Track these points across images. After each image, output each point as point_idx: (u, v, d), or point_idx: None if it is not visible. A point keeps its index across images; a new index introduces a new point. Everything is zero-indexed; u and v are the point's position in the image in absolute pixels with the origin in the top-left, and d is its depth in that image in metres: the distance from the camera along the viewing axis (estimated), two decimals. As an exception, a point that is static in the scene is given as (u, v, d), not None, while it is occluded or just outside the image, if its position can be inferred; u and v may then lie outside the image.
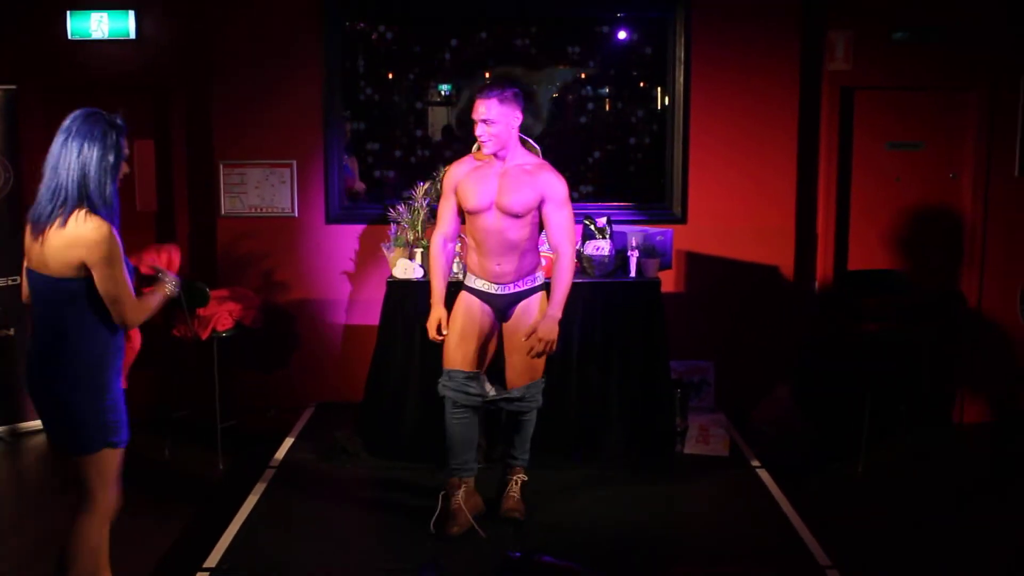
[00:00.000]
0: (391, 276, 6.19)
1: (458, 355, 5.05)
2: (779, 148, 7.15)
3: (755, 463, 6.10)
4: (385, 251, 6.42)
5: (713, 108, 7.13)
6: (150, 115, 7.22)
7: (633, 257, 6.09)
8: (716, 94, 7.12)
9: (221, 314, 6.34)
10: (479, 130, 4.93)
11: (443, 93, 7.86)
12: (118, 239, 3.63)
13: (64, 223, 3.59)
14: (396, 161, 7.57)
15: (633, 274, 6.12)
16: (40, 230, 3.63)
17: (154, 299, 3.87)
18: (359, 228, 7.23)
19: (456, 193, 5.11)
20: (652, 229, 6.38)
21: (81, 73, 7.12)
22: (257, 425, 7.03)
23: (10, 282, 6.79)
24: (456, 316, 5.14)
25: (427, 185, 6.43)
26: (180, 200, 7.30)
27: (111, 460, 3.77)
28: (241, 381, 7.31)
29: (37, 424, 6.99)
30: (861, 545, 5.18)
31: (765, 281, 7.24)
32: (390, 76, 7.64)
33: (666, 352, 6.11)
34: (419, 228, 6.32)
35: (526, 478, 5.33)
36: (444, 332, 5.11)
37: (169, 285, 3.94)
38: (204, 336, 6.26)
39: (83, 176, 3.60)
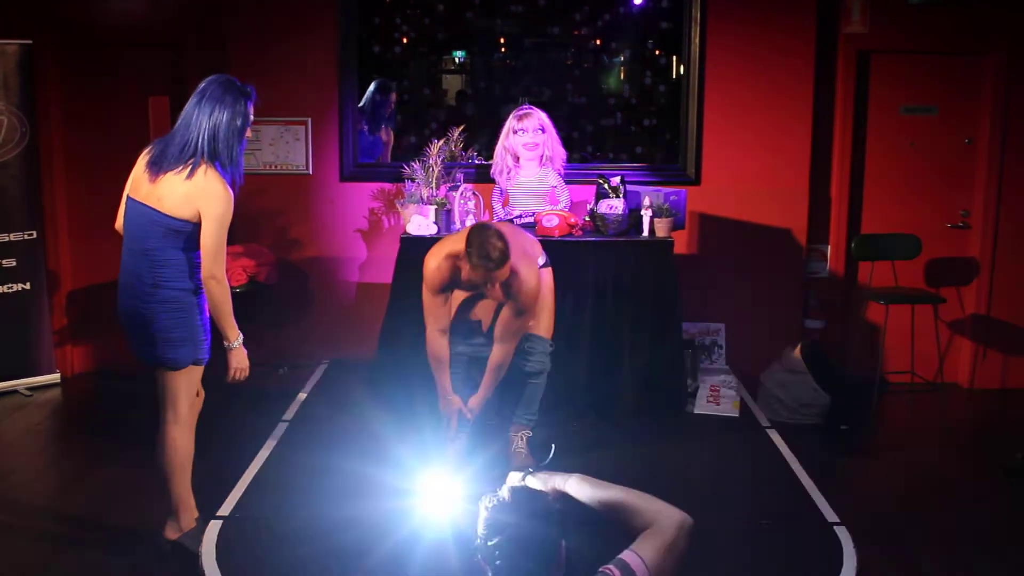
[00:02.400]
0: (405, 232, 6.21)
1: None
2: (794, 110, 7.12)
3: (765, 423, 6.13)
4: (400, 207, 6.44)
5: (728, 68, 7.10)
6: (165, 71, 7.21)
7: (647, 216, 6.09)
8: (731, 54, 7.09)
9: (235, 270, 6.38)
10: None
11: (457, 60, 7.86)
12: (233, 206, 4.06)
13: (191, 174, 3.98)
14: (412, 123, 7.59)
15: (646, 233, 6.12)
16: (160, 171, 4.03)
17: (228, 316, 4.20)
18: (373, 186, 7.24)
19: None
20: (666, 189, 6.37)
21: (96, 29, 7.12)
22: (270, 381, 7.08)
23: (26, 236, 6.83)
24: None
25: (441, 143, 6.44)
26: (195, 157, 7.31)
27: (197, 374, 4.29)
28: (255, 337, 7.31)
29: (54, 378, 7.08)
30: (870, 504, 5.22)
31: (778, 243, 7.23)
32: (404, 40, 7.65)
33: (679, 312, 6.12)
34: (433, 185, 6.33)
35: (531, 433, 5.37)
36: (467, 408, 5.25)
37: (236, 361, 4.31)
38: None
39: (213, 136, 4.01)
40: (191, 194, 3.99)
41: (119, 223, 4.30)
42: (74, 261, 7.27)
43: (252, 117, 4.15)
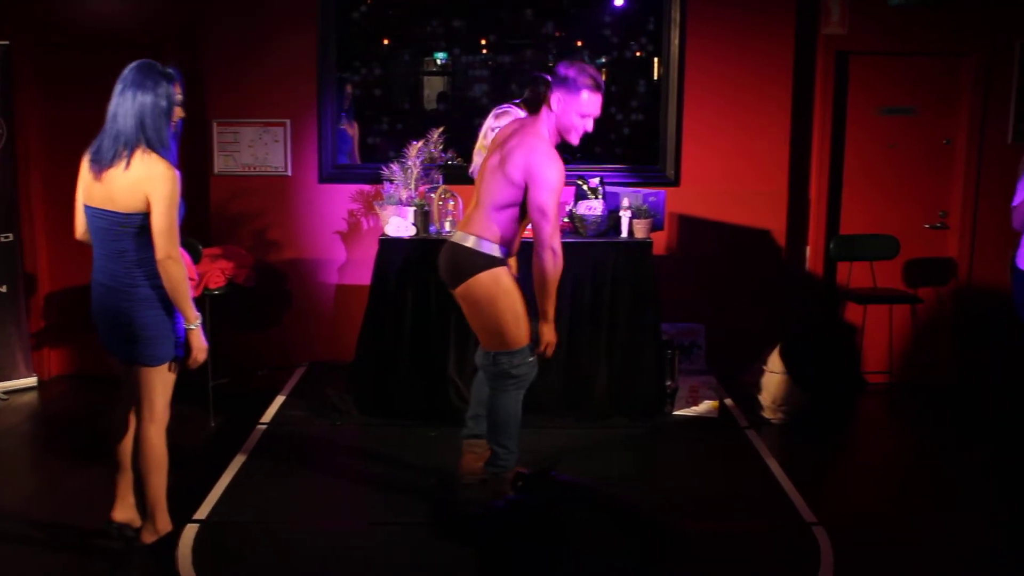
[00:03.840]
0: (383, 234, 6.20)
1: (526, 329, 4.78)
2: (773, 111, 7.14)
3: (743, 424, 6.14)
4: (379, 209, 6.42)
5: (708, 69, 7.11)
6: (143, 73, 7.18)
7: (625, 217, 6.09)
8: (711, 55, 7.10)
9: (213, 272, 6.35)
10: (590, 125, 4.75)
11: (439, 62, 7.85)
12: (179, 181, 4.03)
13: (128, 164, 3.98)
14: (391, 125, 7.57)
15: (625, 234, 6.12)
16: (101, 170, 4.03)
17: (187, 296, 4.13)
18: (352, 188, 7.22)
19: None
20: (645, 190, 6.38)
21: (75, 30, 7.09)
22: (249, 384, 7.06)
23: (2, 239, 6.80)
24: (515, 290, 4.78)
25: (420, 144, 6.41)
26: (173, 158, 7.28)
27: (173, 372, 4.25)
28: (233, 339, 7.32)
29: (31, 381, 7.05)
30: (848, 504, 5.24)
31: (757, 245, 7.25)
32: (385, 42, 7.64)
33: (658, 313, 6.13)
34: (412, 186, 6.32)
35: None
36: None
37: (197, 342, 4.23)
38: (196, 293, 6.26)
39: (140, 122, 3.99)
40: (135, 182, 3.97)
41: (79, 233, 4.28)
42: (51, 264, 7.24)
43: (180, 98, 4.11)
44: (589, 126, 4.69)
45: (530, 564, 4.00)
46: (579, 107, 4.59)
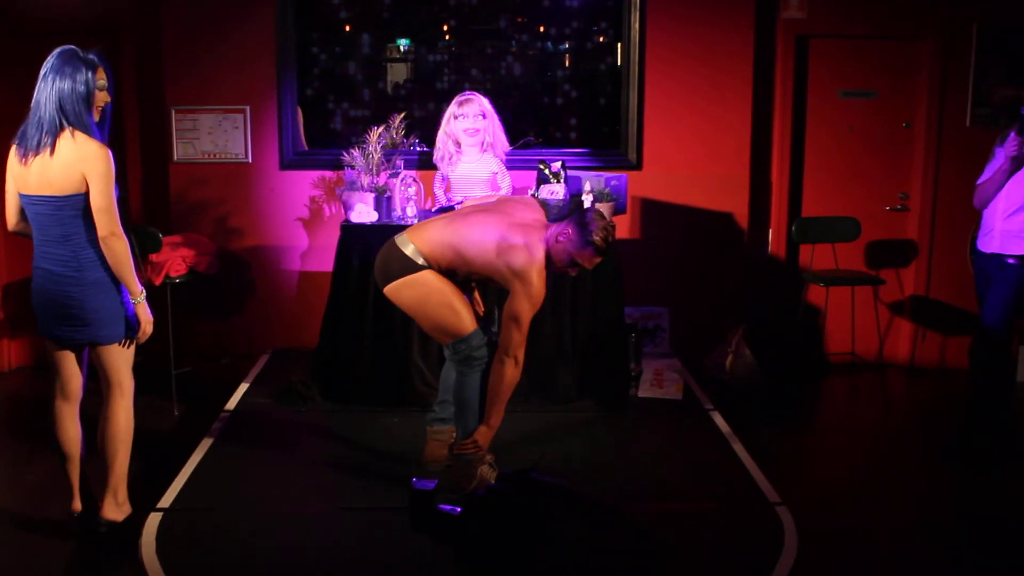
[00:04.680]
0: (345, 220, 6.17)
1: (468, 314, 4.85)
2: (734, 95, 7.17)
3: (708, 406, 6.17)
4: (340, 195, 6.39)
5: (668, 54, 7.13)
6: (100, 59, 7.10)
7: (588, 201, 6.09)
8: (672, 39, 7.11)
9: (174, 260, 6.30)
10: None
11: (401, 48, 7.82)
12: (112, 160, 4.07)
13: (53, 150, 4.02)
14: (350, 113, 7.54)
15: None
16: (27, 156, 4.07)
17: (132, 270, 4.20)
18: (314, 174, 7.18)
19: None
20: (607, 174, 6.38)
21: (30, 18, 6.98)
22: (212, 372, 7.01)
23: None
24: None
25: (380, 130, 6.38)
26: (132, 146, 7.22)
27: (131, 348, 4.33)
28: (196, 328, 7.27)
29: None
30: (811, 484, 5.28)
31: (719, 228, 7.27)
32: (347, 28, 7.59)
33: (621, 297, 6.14)
34: (374, 171, 6.29)
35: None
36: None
37: (144, 314, 4.31)
38: (157, 282, 6.22)
39: (59, 107, 4.03)
40: (69, 163, 4.02)
41: (12, 224, 4.31)
42: (7, 255, 7.14)
43: (103, 83, 4.12)
44: (572, 271, 4.82)
45: (508, 552, 4.01)
46: (577, 254, 4.66)
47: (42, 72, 4.07)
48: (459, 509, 4.16)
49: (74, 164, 4.01)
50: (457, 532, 4.09)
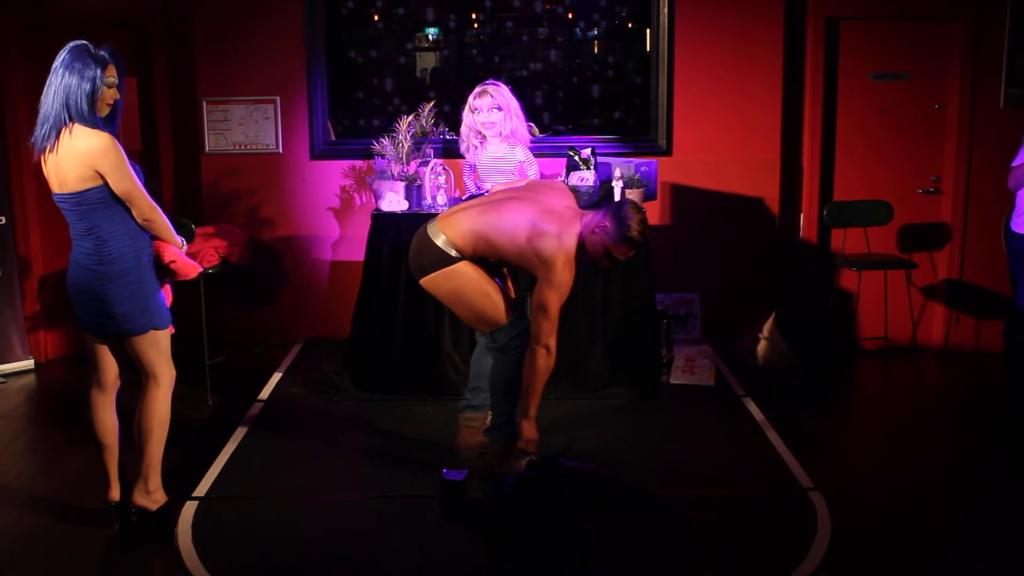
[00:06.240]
0: (376, 209, 6.19)
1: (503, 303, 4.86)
2: (764, 78, 7.12)
3: (740, 392, 6.16)
4: (370, 184, 6.41)
5: (698, 38, 7.09)
6: (132, 52, 7.14)
7: (618, 188, 6.08)
8: (701, 23, 7.07)
9: (207, 250, 6.34)
10: None
11: (430, 37, 7.82)
12: (119, 145, 4.07)
13: (55, 145, 4.03)
14: (380, 103, 7.56)
15: (618, 205, 6.11)
16: (42, 153, 4.10)
17: (170, 231, 4.31)
18: (344, 164, 7.21)
19: None
20: (637, 160, 6.36)
21: (61, 11, 7.05)
22: (245, 362, 7.07)
23: (-7, 222, 6.81)
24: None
25: (410, 118, 6.40)
26: (164, 138, 7.26)
27: (162, 338, 4.34)
28: (229, 318, 7.32)
29: (28, 364, 7.05)
30: (845, 469, 5.26)
31: (750, 213, 7.24)
32: (376, 18, 7.60)
33: (652, 283, 6.13)
34: (404, 160, 6.31)
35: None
36: None
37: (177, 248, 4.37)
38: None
39: (65, 101, 4.02)
40: (75, 160, 4.03)
41: None
42: (45, 247, 7.22)
43: (112, 80, 4.10)
44: (605, 263, 4.82)
45: (538, 540, 4.02)
46: (613, 247, 4.67)
47: (53, 67, 4.08)
48: (463, 475, 4.17)
49: (81, 159, 4.01)
50: (488, 520, 4.10)
